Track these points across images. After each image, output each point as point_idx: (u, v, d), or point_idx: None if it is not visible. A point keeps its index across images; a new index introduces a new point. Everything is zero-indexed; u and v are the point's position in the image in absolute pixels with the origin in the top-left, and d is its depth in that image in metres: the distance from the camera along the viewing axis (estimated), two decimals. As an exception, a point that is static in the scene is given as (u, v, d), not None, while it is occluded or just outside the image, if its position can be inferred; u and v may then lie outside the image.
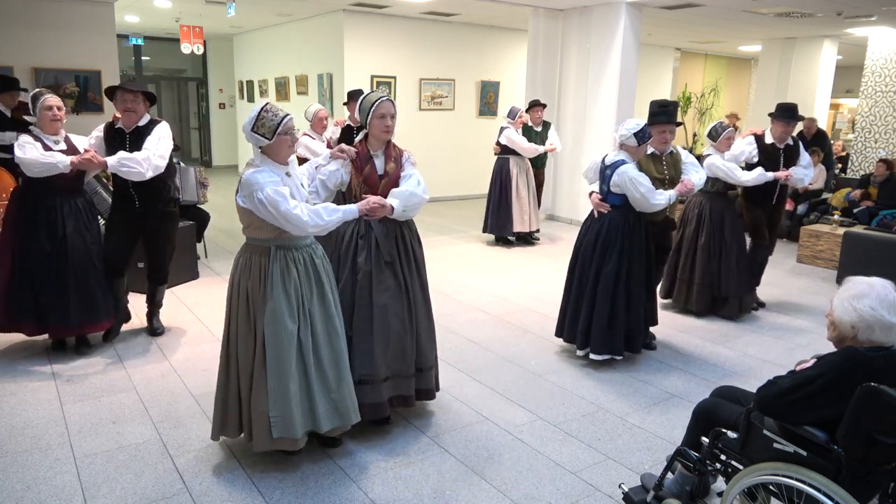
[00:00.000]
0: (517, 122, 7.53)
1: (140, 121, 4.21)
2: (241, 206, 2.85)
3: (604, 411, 3.72)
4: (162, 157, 4.16)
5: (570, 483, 3.00)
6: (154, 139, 4.18)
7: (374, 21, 10.13)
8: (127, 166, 4.02)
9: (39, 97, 4.11)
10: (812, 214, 8.48)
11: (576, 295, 4.31)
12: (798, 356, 4.27)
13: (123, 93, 4.14)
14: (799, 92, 11.66)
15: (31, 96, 4.19)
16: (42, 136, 4.08)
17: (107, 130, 4.27)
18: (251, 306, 2.88)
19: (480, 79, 11.44)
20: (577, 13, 9.03)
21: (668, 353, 4.63)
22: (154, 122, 4.28)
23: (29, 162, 3.91)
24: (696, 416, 2.61)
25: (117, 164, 4.02)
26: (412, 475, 3.03)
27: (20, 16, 7.82)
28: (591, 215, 4.33)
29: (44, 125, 4.09)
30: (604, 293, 4.14)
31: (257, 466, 3.05)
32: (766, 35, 11.60)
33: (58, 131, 4.15)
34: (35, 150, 3.94)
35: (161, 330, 4.76)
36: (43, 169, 3.94)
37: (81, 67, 8.25)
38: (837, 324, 2.15)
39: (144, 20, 11.36)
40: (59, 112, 4.11)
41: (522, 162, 7.70)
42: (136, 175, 4.07)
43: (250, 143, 2.88)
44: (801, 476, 2.04)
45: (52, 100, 4.11)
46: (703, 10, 8.86)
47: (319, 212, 2.83)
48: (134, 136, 4.18)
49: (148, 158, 4.07)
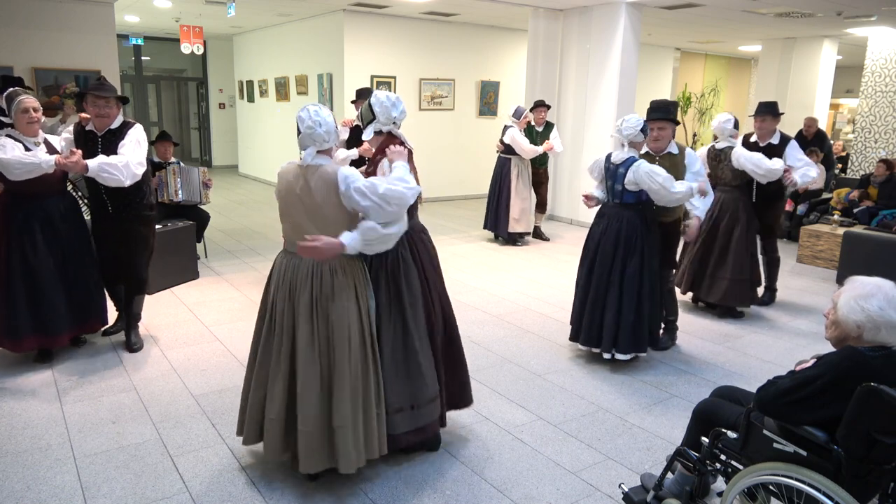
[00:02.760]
0: (521, 122, 7.52)
1: (112, 123, 4.03)
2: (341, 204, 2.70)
3: (604, 411, 3.72)
4: (140, 164, 3.98)
5: (570, 483, 3.00)
6: (131, 144, 3.97)
7: (374, 21, 10.13)
8: (107, 171, 3.82)
9: (14, 98, 3.89)
10: (812, 214, 8.48)
11: (594, 297, 4.21)
12: (798, 356, 4.27)
13: (95, 98, 3.95)
14: (799, 92, 11.67)
15: (5, 97, 3.95)
16: (21, 137, 3.88)
17: (77, 132, 4.09)
18: (318, 311, 2.73)
19: (480, 79, 11.44)
20: (577, 13, 9.03)
21: (669, 354, 4.63)
22: (127, 125, 4.08)
23: (10, 162, 3.69)
24: (695, 416, 2.61)
25: (98, 169, 3.80)
26: (412, 475, 3.03)
27: (20, 16, 7.82)
28: (602, 214, 4.26)
29: (21, 128, 3.89)
30: (629, 293, 4.09)
31: (257, 467, 3.05)
32: (766, 35, 11.60)
33: (36, 133, 3.97)
34: (17, 150, 3.75)
35: (139, 345, 4.43)
36: (25, 170, 3.73)
37: (81, 67, 8.25)
38: (841, 323, 2.14)
39: (144, 20, 11.36)
40: (35, 114, 3.90)
41: (523, 162, 7.73)
42: (114, 182, 3.88)
43: (308, 145, 2.75)
44: (800, 476, 2.04)
45: (29, 101, 3.89)
46: (703, 10, 8.86)
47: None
48: (106, 140, 4.00)
49: (127, 165, 3.88)
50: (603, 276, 4.18)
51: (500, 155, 7.78)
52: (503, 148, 7.68)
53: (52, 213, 4.01)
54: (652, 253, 4.15)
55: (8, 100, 3.91)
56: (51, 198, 4.02)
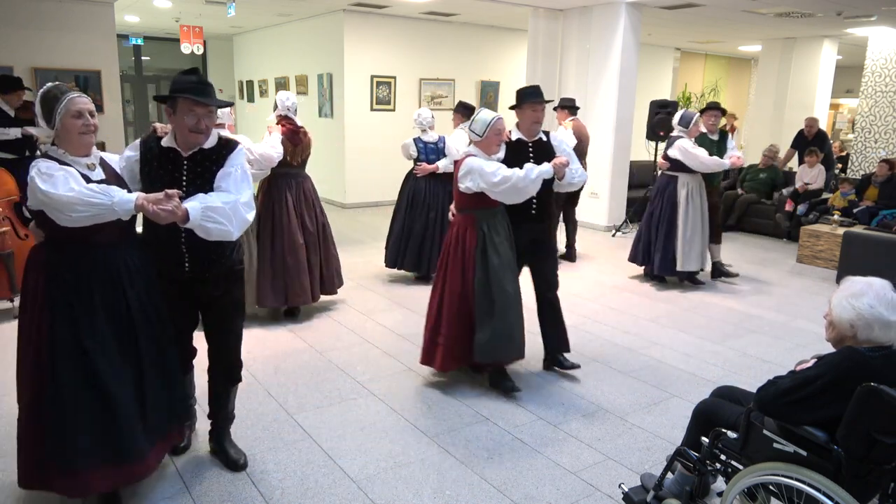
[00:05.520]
0: (693, 131, 6.00)
1: (206, 141, 2.72)
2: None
3: (604, 411, 3.72)
4: (250, 205, 2.70)
5: (570, 483, 3.00)
6: (236, 176, 2.69)
7: (374, 21, 10.13)
8: (213, 220, 2.53)
9: (60, 97, 2.47)
10: (811, 214, 8.48)
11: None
12: (798, 356, 4.27)
13: (192, 105, 2.62)
14: (799, 92, 11.67)
15: (41, 95, 2.51)
16: (67, 158, 2.48)
17: (146, 150, 2.73)
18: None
19: (480, 79, 11.44)
20: (576, 13, 9.03)
21: (668, 353, 4.63)
22: (226, 146, 2.76)
23: (69, 202, 2.29)
24: (695, 417, 2.61)
25: (201, 217, 2.50)
26: (412, 475, 3.03)
27: (20, 16, 7.82)
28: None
29: (70, 140, 2.49)
30: None
31: (257, 466, 3.05)
32: (766, 35, 11.60)
33: (90, 150, 2.57)
34: (73, 182, 2.35)
35: (244, 460, 3.07)
36: (90, 214, 2.33)
37: (81, 67, 8.25)
38: (836, 323, 2.16)
39: (144, 20, 11.37)
40: (92, 120, 2.53)
41: (695, 180, 6.08)
42: (220, 234, 2.57)
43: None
44: (800, 476, 2.04)
45: (83, 102, 2.51)
46: (703, 11, 8.86)
47: None
48: (195, 164, 2.69)
49: (236, 208, 2.59)
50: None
51: (665, 173, 6.21)
52: (668, 165, 6.11)
53: (116, 271, 2.56)
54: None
55: (47, 100, 2.49)
56: (115, 248, 2.58)
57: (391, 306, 5.55)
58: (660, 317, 5.44)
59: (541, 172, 3.65)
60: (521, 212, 3.93)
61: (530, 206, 3.93)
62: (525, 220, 3.98)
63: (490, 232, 3.78)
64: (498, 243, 3.78)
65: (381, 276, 6.44)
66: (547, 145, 4.03)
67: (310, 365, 4.27)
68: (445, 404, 3.75)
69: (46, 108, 2.46)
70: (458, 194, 3.81)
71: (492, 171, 3.61)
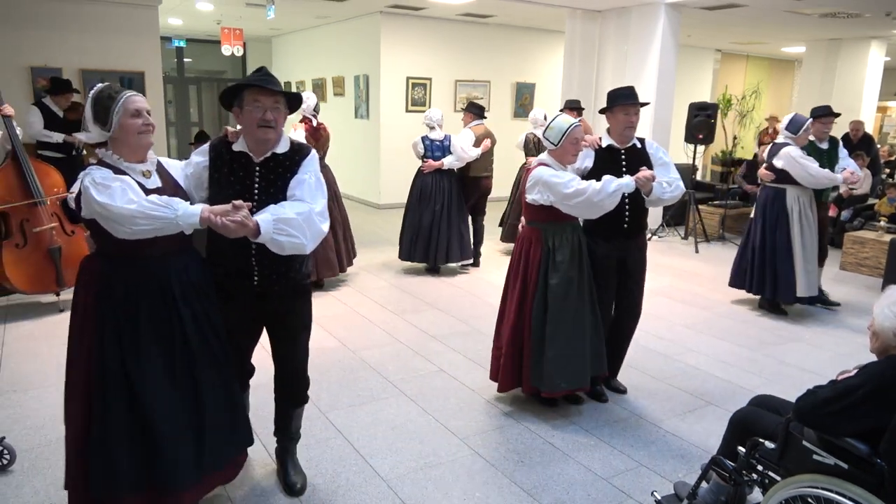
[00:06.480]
0: (802, 138, 5.28)
1: (278, 145, 2.54)
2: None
3: (637, 417, 3.68)
4: (325, 216, 2.53)
5: (601, 489, 2.97)
6: (311, 184, 2.53)
7: (411, 23, 10.18)
8: (286, 233, 2.38)
9: (116, 96, 2.32)
10: (856, 220, 8.24)
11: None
12: (839, 366, 4.14)
13: (258, 93, 2.46)
14: (844, 95, 11.35)
15: (92, 96, 2.34)
16: (122, 165, 2.34)
17: (216, 155, 2.54)
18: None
19: (516, 80, 11.41)
20: (614, 14, 8.93)
21: (705, 360, 4.55)
22: (299, 151, 2.59)
23: (129, 215, 2.17)
24: (732, 425, 2.57)
25: (272, 230, 2.35)
26: (442, 476, 3.04)
27: (69, 19, 8.07)
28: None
29: (128, 142, 2.34)
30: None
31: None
32: (811, 36, 11.32)
33: (146, 154, 2.42)
34: (131, 193, 2.22)
35: (303, 484, 2.91)
36: (151, 227, 2.22)
37: (126, 69, 8.48)
38: (879, 332, 2.09)
39: (187, 23, 11.64)
40: (150, 119, 2.39)
41: (805, 194, 5.37)
42: (293, 248, 2.42)
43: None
44: (841, 489, 1.99)
45: (140, 100, 2.37)
46: (745, 11, 8.69)
47: None
48: (267, 170, 2.53)
49: (310, 219, 2.44)
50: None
51: (769, 185, 5.45)
52: (773, 176, 5.37)
53: (169, 284, 2.41)
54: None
55: (101, 101, 2.32)
56: (169, 258, 2.42)
57: (422, 306, 5.57)
58: (696, 323, 5.35)
59: (620, 186, 3.30)
60: (611, 226, 3.60)
61: (622, 218, 3.59)
62: (614, 234, 3.65)
63: (554, 250, 3.48)
64: (559, 262, 3.47)
65: (413, 276, 6.47)
66: (642, 153, 3.66)
67: (342, 363, 4.31)
68: (476, 406, 3.75)
69: (102, 109, 2.30)
70: (526, 205, 3.55)
71: (563, 182, 3.32)
